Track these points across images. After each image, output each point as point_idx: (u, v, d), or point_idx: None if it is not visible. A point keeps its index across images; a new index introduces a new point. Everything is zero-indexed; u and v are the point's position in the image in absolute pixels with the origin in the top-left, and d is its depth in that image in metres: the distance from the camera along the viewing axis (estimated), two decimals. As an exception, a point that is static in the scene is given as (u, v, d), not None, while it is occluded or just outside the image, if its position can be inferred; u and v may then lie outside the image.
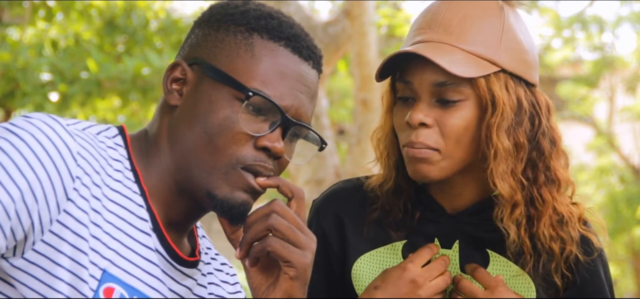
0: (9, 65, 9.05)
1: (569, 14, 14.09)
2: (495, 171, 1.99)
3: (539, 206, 2.02)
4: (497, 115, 1.98)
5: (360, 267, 2.10)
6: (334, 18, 8.28)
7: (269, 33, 1.70)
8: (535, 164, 2.03)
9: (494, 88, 1.98)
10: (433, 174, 2.00)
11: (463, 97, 1.99)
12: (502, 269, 2.06)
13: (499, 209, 2.01)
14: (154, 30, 10.08)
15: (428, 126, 1.99)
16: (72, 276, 1.58)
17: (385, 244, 2.10)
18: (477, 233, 2.07)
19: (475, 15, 2.01)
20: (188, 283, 1.73)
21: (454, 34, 1.99)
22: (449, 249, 2.08)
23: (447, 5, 2.03)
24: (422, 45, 2.00)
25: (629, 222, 12.51)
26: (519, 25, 2.05)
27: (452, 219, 2.08)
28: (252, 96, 1.65)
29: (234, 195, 1.67)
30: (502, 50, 2.00)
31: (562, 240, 2.04)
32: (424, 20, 2.04)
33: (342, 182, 2.21)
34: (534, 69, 2.05)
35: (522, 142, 2.00)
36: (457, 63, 1.96)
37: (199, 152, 1.66)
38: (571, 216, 2.05)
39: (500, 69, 2.00)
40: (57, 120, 1.59)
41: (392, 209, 2.09)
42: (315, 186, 7.54)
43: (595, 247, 2.07)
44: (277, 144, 1.67)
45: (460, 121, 1.99)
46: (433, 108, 1.99)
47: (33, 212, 1.54)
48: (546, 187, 2.03)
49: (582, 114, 13.38)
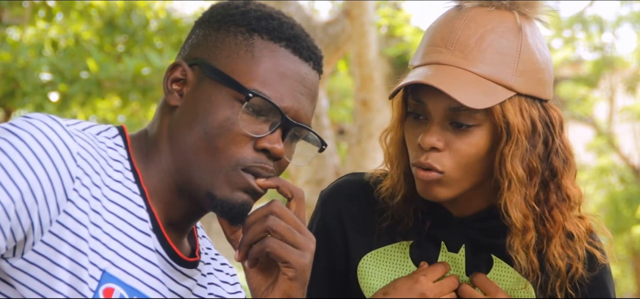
0: (9, 65, 9.05)
1: (569, 14, 14.09)
2: (509, 201, 1.97)
3: (549, 227, 2.00)
4: (511, 143, 1.95)
5: (367, 265, 2.10)
6: (334, 18, 8.28)
7: (270, 34, 1.69)
8: (547, 184, 2.00)
9: (508, 115, 1.95)
10: (442, 195, 1.99)
11: (477, 123, 1.96)
12: (504, 275, 2.06)
13: (511, 237, 1.99)
14: (154, 30, 10.08)
15: (439, 149, 1.96)
16: (71, 277, 1.58)
17: (392, 243, 2.10)
18: (483, 238, 2.07)
19: (493, 35, 1.96)
20: (188, 283, 1.73)
21: (469, 57, 1.95)
22: (456, 253, 2.07)
23: (464, 20, 1.98)
24: (436, 69, 1.95)
25: (629, 222, 12.51)
26: (536, 42, 2.00)
27: (459, 224, 2.07)
28: (252, 97, 1.65)
29: (234, 195, 1.66)
30: (518, 74, 1.96)
31: (569, 258, 2.02)
32: (439, 36, 1.99)
33: (350, 176, 2.19)
34: (549, 85, 2.02)
35: (535, 167, 1.98)
36: (470, 92, 1.92)
37: (199, 153, 1.66)
38: (580, 233, 2.03)
39: (515, 93, 1.96)
40: (57, 120, 1.59)
41: (403, 218, 2.08)
42: (315, 186, 7.55)
43: (600, 262, 2.05)
44: (277, 145, 1.67)
45: (472, 147, 1.96)
46: (445, 131, 1.96)
47: (33, 212, 1.54)
48: (557, 208, 2.00)
49: (582, 114, 13.37)
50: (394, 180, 2.07)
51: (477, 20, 1.98)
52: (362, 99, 8.14)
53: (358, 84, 8.20)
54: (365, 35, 8.07)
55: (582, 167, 12.66)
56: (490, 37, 1.96)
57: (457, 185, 1.98)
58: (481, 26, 1.97)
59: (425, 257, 2.08)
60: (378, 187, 2.10)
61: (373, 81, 8.10)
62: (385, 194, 2.08)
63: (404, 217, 2.07)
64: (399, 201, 2.06)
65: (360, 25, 8.05)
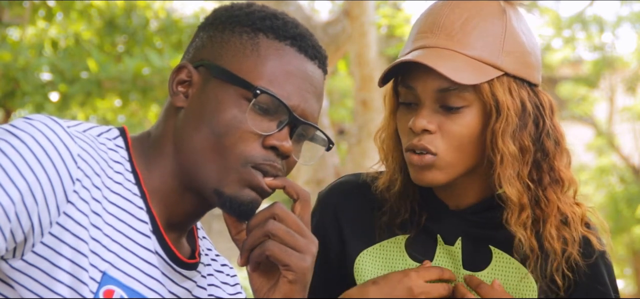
0: (9, 65, 9.06)
1: (569, 14, 14.09)
2: (502, 175, 1.99)
3: (544, 207, 2.02)
4: (501, 120, 1.98)
5: (363, 261, 2.11)
6: (334, 18, 8.28)
7: (275, 32, 1.70)
8: (539, 165, 2.03)
9: (497, 93, 1.98)
10: (437, 179, 2.00)
11: (466, 103, 1.98)
12: (504, 266, 2.07)
13: (507, 212, 2.01)
14: (154, 30, 10.08)
15: (431, 132, 1.98)
16: (71, 278, 1.58)
17: (389, 237, 2.10)
18: (480, 230, 2.08)
19: (477, 18, 2.00)
20: (187, 285, 1.73)
21: (455, 39, 1.99)
22: (452, 245, 2.08)
23: (448, 7, 2.02)
24: (424, 51, 1.99)
25: (629, 222, 12.50)
26: (521, 27, 2.04)
27: (455, 216, 2.08)
28: (260, 94, 1.65)
29: (243, 193, 1.67)
30: (505, 54, 1.99)
31: (565, 240, 2.04)
32: (425, 24, 2.03)
33: (347, 177, 2.21)
34: (537, 70, 2.05)
35: (527, 145, 2.00)
36: (459, 70, 1.96)
37: (207, 153, 1.66)
38: (574, 216, 2.06)
39: (503, 72, 1.99)
40: (58, 122, 1.59)
41: (400, 211, 2.09)
42: (315, 185, 7.55)
43: (596, 249, 2.07)
44: (285, 143, 1.67)
45: (463, 128, 1.98)
46: (436, 114, 1.99)
47: (33, 214, 1.54)
48: (551, 188, 2.03)
49: (582, 114, 13.37)
50: (390, 173, 2.09)
51: (461, 5, 2.02)
52: (362, 99, 8.14)
53: (358, 84, 8.20)
54: (365, 35, 8.07)
55: (582, 167, 12.59)
56: (475, 20, 2.00)
57: (451, 168, 2.00)
58: (466, 11, 2.01)
59: (422, 251, 2.09)
60: (375, 183, 2.11)
61: (373, 80, 8.10)
62: (382, 187, 2.10)
63: (400, 210, 2.08)
64: (395, 193, 2.08)
65: (360, 25, 8.05)
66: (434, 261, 2.09)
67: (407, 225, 2.10)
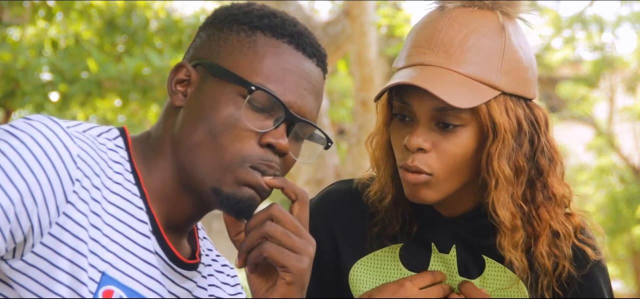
0: (9, 65, 9.07)
1: (569, 14, 14.08)
2: (496, 200, 1.97)
3: (536, 226, 2.01)
4: (498, 142, 1.95)
5: (358, 272, 2.10)
6: (334, 18, 8.29)
7: (272, 30, 1.69)
8: (533, 183, 2.01)
9: (494, 114, 1.95)
10: (430, 197, 1.98)
11: (463, 123, 1.95)
12: (496, 275, 2.06)
13: (500, 236, 1.99)
14: (154, 30, 10.08)
15: (426, 150, 1.96)
16: (71, 279, 1.58)
17: (382, 248, 2.09)
18: (472, 238, 2.06)
19: (476, 35, 1.96)
20: (188, 285, 1.73)
21: (453, 57, 1.95)
22: (447, 253, 2.07)
23: (447, 21, 1.98)
24: (421, 70, 1.95)
25: (629, 222, 12.50)
26: (519, 42, 2.00)
27: (448, 224, 2.07)
28: (255, 91, 1.65)
29: (241, 190, 1.66)
30: (503, 73, 1.96)
31: (556, 256, 2.02)
32: (423, 38, 1.99)
33: (336, 184, 2.19)
34: (533, 84, 2.02)
35: (522, 165, 1.98)
36: (457, 93, 1.92)
37: (204, 151, 1.66)
38: (566, 231, 2.03)
39: (500, 92, 1.96)
40: (58, 122, 1.59)
41: (391, 222, 2.07)
42: (315, 186, 7.55)
43: (591, 259, 2.05)
44: (281, 140, 1.66)
45: (458, 148, 1.96)
46: (432, 132, 1.96)
47: (32, 215, 1.54)
48: (544, 206, 2.01)
49: (582, 114, 13.36)
50: (381, 183, 2.07)
51: (460, 20, 1.98)
52: (362, 99, 8.14)
53: (358, 84, 8.20)
54: (365, 35, 8.08)
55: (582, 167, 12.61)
56: (474, 37, 1.96)
57: (445, 186, 1.98)
58: (464, 26, 1.97)
59: (416, 260, 2.08)
60: (366, 192, 2.09)
61: (373, 81, 8.11)
62: (374, 198, 2.08)
63: (392, 221, 2.07)
64: (387, 204, 2.06)
65: (360, 25, 8.06)
66: (428, 269, 2.08)
67: (398, 236, 2.08)
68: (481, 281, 2.06)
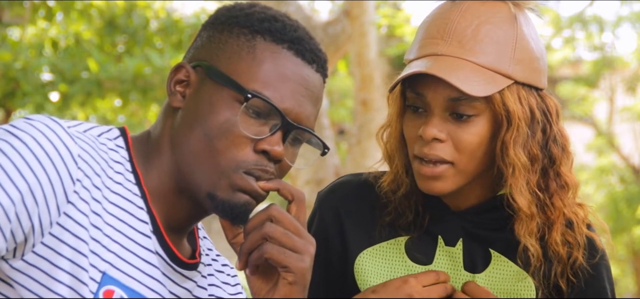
0: (9, 65, 9.07)
1: (569, 14, 14.08)
2: (514, 187, 1.98)
3: (550, 214, 2.02)
4: (512, 130, 1.97)
5: (363, 262, 2.10)
6: (334, 18, 8.29)
7: (272, 35, 1.69)
8: (547, 172, 2.02)
9: (508, 102, 1.97)
10: (446, 189, 2.00)
11: (477, 112, 1.97)
12: (502, 269, 2.07)
13: (518, 223, 2.00)
14: (154, 30, 10.08)
15: (441, 140, 1.97)
16: (71, 279, 1.58)
17: (394, 238, 2.10)
18: (480, 232, 2.07)
19: (489, 25, 1.98)
20: (188, 285, 1.73)
21: (467, 47, 1.96)
22: (453, 247, 2.08)
23: (459, 12, 1.99)
24: (435, 60, 1.96)
25: (629, 222, 12.51)
26: (530, 31, 2.02)
27: (456, 217, 2.08)
28: (251, 97, 1.65)
29: (236, 196, 1.66)
30: (515, 62, 1.98)
31: (570, 244, 2.04)
32: (435, 27, 2.01)
33: (348, 176, 2.19)
34: (544, 74, 2.04)
35: (536, 153, 2.00)
36: (471, 80, 1.94)
37: (200, 155, 1.66)
38: (577, 219, 2.05)
39: (513, 81, 1.98)
40: (58, 122, 1.59)
41: (405, 212, 2.08)
42: (315, 186, 7.54)
43: (598, 249, 2.07)
44: (276, 147, 1.66)
45: (474, 136, 1.97)
46: (446, 122, 1.97)
47: (33, 214, 1.54)
48: (557, 194, 2.03)
49: (582, 114, 13.37)
50: (395, 174, 2.08)
51: (472, 11, 2.00)
52: (362, 99, 8.13)
53: (358, 84, 8.20)
54: (365, 35, 8.07)
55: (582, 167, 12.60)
56: (487, 28, 1.98)
57: (459, 177, 2.00)
58: (476, 17, 1.99)
59: (422, 252, 2.09)
60: (379, 183, 2.10)
61: (373, 81, 8.11)
62: (388, 188, 2.09)
63: (405, 211, 2.08)
64: (401, 195, 2.07)
65: (360, 25, 8.05)
66: (433, 262, 2.08)
67: (411, 226, 2.09)
68: (487, 275, 2.07)
